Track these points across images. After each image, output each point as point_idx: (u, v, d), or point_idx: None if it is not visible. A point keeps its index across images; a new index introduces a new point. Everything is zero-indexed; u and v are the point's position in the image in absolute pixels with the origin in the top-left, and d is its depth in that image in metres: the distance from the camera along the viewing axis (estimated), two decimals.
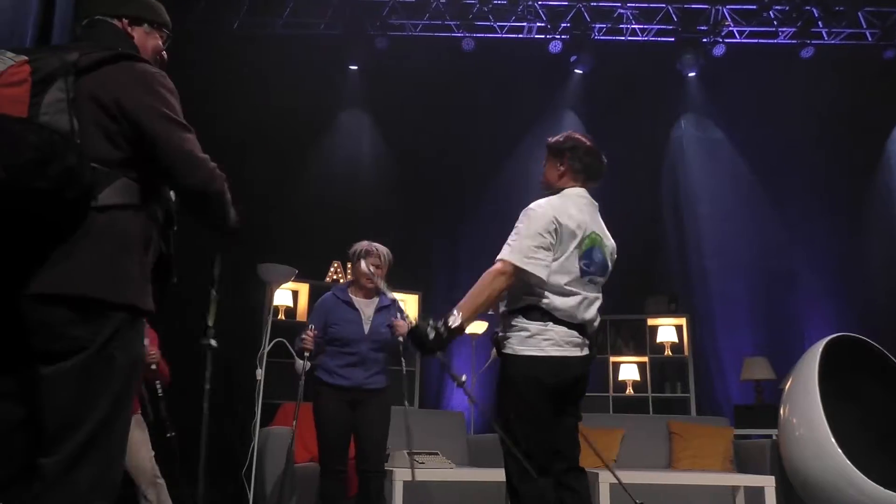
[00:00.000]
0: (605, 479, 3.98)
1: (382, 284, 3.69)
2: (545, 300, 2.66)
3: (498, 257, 2.66)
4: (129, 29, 1.88)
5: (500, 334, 2.76)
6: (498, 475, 4.08)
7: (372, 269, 3.91)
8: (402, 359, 3.98)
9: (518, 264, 2.61)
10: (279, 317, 6.33)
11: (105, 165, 1.63)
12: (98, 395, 1.59)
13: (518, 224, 2.72)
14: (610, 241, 2.90)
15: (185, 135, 1.73)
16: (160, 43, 1.95)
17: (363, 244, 4.03)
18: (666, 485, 4.69)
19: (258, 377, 4.68)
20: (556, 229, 2.67)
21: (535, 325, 2.65)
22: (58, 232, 1.58)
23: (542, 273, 2.62)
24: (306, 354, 3.88)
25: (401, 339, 3.92)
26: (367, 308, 4.03)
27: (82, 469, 1.55)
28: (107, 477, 1.61)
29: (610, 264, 2.87)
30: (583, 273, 2.72)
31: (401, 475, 3.86)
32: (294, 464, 4.44)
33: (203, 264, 2.31)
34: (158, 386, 3.77)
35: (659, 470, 5.16)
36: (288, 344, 4.73)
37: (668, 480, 4.68)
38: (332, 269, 6.84)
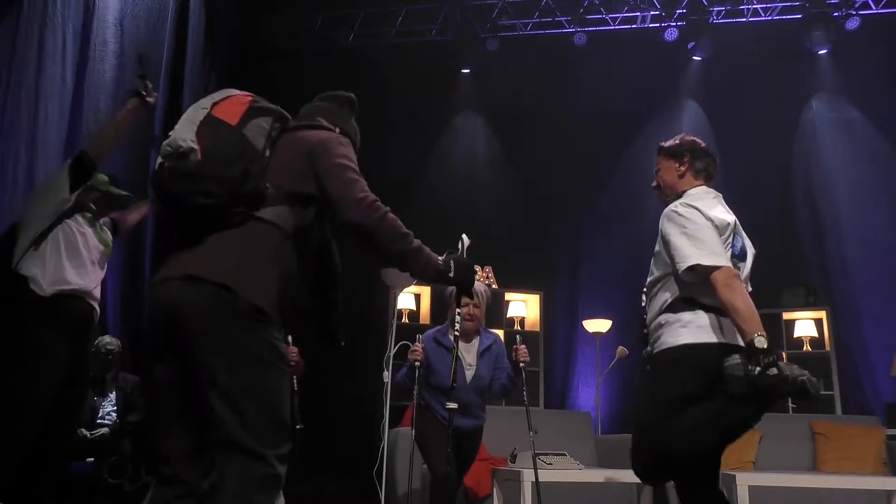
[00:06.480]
0: (743, 482, 3.80)
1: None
2: (692, 293, 2.53)
3: (706, 264, 2.44)
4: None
5: (650, 340, 2.63)
6: (627, 476, 3.99)
7: (472, 309, 3.77)
8: (524, 388, 3.79)
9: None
10: (403, 320, 6.46)
11: (277, 190, 1.86)
12: None
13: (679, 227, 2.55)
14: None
15: (346, 176, 1.93)
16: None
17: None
18: (812, 488, 4.42)
19: (385, 379, 4.78)
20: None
21: (686, 315, 2.52)
22: (218, 226, 1.79)
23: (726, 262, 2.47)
24: (417, 364, 3.74)
25: (522, 364, 3.75)
26: (468, 354, 3.88)
27: None
28: None
29: (748, 248, 2.71)
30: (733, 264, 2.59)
31: (528, 476, 3.84)
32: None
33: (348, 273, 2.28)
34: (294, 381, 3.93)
35: (803, 472, 4.87)
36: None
37: (814, 484, 4.41)
38: None
